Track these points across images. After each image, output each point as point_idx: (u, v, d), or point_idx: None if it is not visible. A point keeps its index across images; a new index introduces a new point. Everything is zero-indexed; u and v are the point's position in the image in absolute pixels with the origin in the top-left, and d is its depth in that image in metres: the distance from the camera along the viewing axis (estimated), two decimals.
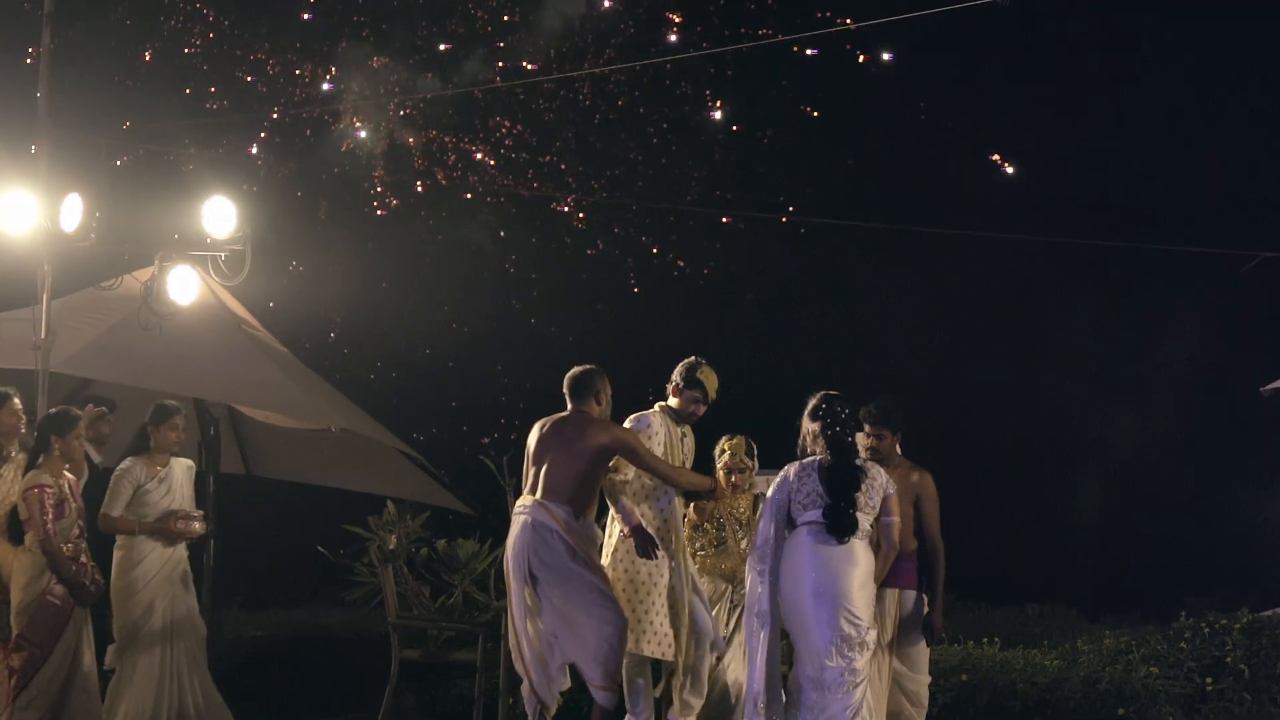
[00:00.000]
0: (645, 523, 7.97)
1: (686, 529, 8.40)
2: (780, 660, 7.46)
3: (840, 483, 7.25)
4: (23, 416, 8.47)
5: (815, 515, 7.25)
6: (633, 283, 20.29)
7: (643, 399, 8.40)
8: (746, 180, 20.32)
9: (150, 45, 18.69)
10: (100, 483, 9.21)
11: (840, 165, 20.34)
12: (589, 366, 8.06)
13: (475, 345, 19.56)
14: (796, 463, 7.42)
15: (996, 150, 20.36)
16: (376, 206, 19.39)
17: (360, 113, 18.88)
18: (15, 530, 8.05)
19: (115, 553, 8.80)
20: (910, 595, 7.83)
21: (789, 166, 20.46)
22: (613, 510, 8.03)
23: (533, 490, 7.82)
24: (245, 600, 13.96)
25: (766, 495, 7.66)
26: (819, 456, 7.33)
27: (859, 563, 7.24)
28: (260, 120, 18.54)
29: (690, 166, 20.06)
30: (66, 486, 8.12)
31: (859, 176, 20.08)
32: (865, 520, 7.28)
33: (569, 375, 8.03)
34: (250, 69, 19.12)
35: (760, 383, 17.22)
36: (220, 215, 9.53)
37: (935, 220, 18.14)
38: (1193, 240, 16.78)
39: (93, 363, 9.71)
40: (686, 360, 8.22)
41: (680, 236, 20.36)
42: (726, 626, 8.35)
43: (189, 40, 18.79)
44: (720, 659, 8.30)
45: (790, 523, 7.35)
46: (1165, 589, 14.20)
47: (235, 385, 9.84)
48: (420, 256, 19.41)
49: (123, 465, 8.85)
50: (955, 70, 19.93)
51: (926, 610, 7.89)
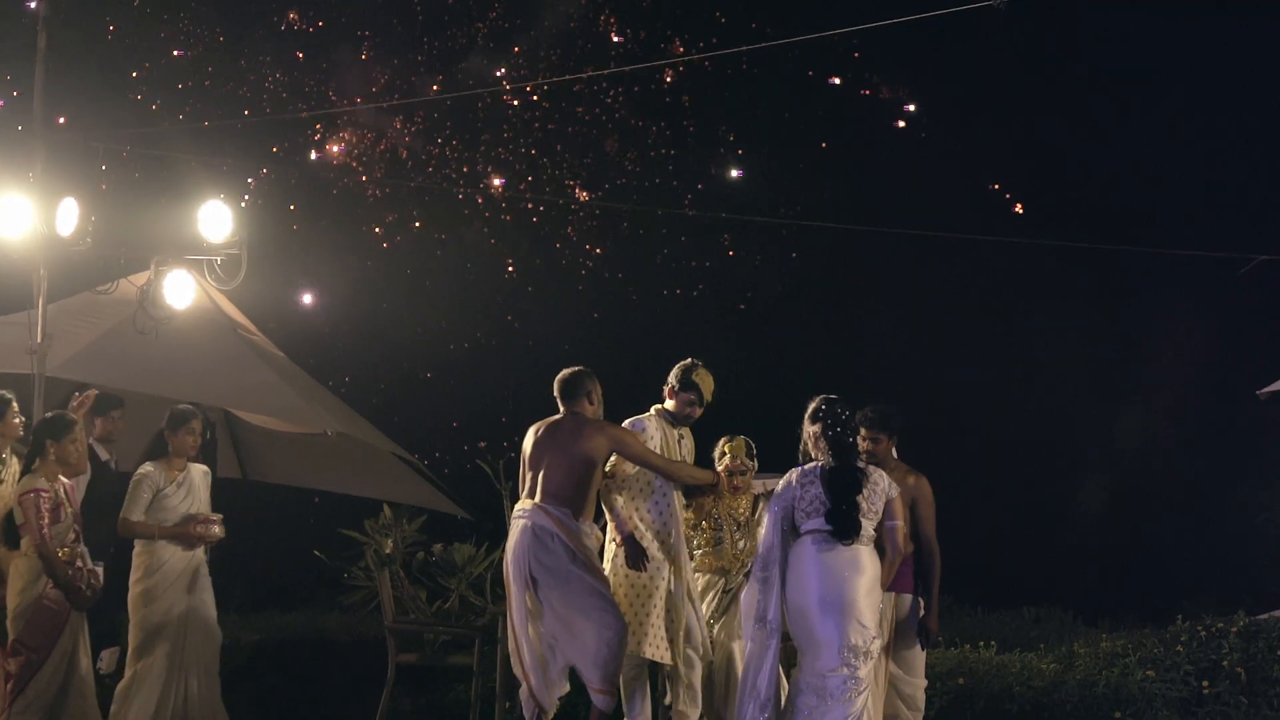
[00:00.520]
0: (644, 525, 7.96)
1: (684, 528, 8.40)
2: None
3: (842, 484, 7.27)
4: (21, 420, 8.46)
5: (819, 523, 7.25)
6: (630, 289, 20.31)
7: (639, 404, 8.37)
8: (744, 187, 20.36)
9: (148, 50, 18.70)
10: (110, 485, 9.21)
11: (839, 169, 20.37)
12: (578, 368, 8.07)
13: (476, 349, 19.60)
14: (799, 469, 7.42)
15: (996, 151, 20.38)
16: (374, 225, 19.42)
17: (359, 119, 18.91)
18: (11, 535, 8.04)
19: (135, 558, 8.77)
20: (906, 599, 7.83)
21: (788, 171, 20.49)
22: (608, 517, 8.03)
23: (531, 494, 7.82)
24: (241, 604, 13.92)
25: (768, 497, 7.66)
26: (821, 461, 7.35)
27: (865, 570, 7.25)
28: (258, 126, 18.55)
29: (689, 174, 20.11)
30: (62, 491, 8.10)
31: (856, 181, 20.10)
32: (868, 525, 7.29)
33: (559, 378, 8.03)
34: (249, 72, 19.15)
35: (758, 386, 17.22)
36: (216, 219, 9.53)
37: (935, 223, 18.14)
38: (1190, 243, 16.79)
39: (89, 367, 9.70)
40: (682, 362, 8.23)
41: (677, 242, 20.39)
42: (715, 617, 8.35)
43: (186, 45, 18.80)
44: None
45: (794, 530, 7.35)
46: (1162, 592, 14.17)
47: (231, 389, 9.84)
48: (419, 260, 19.43)
49: (142, 470, 8.83)
50: (951, 73, 19.95)
51: (922, 614, 7.90)
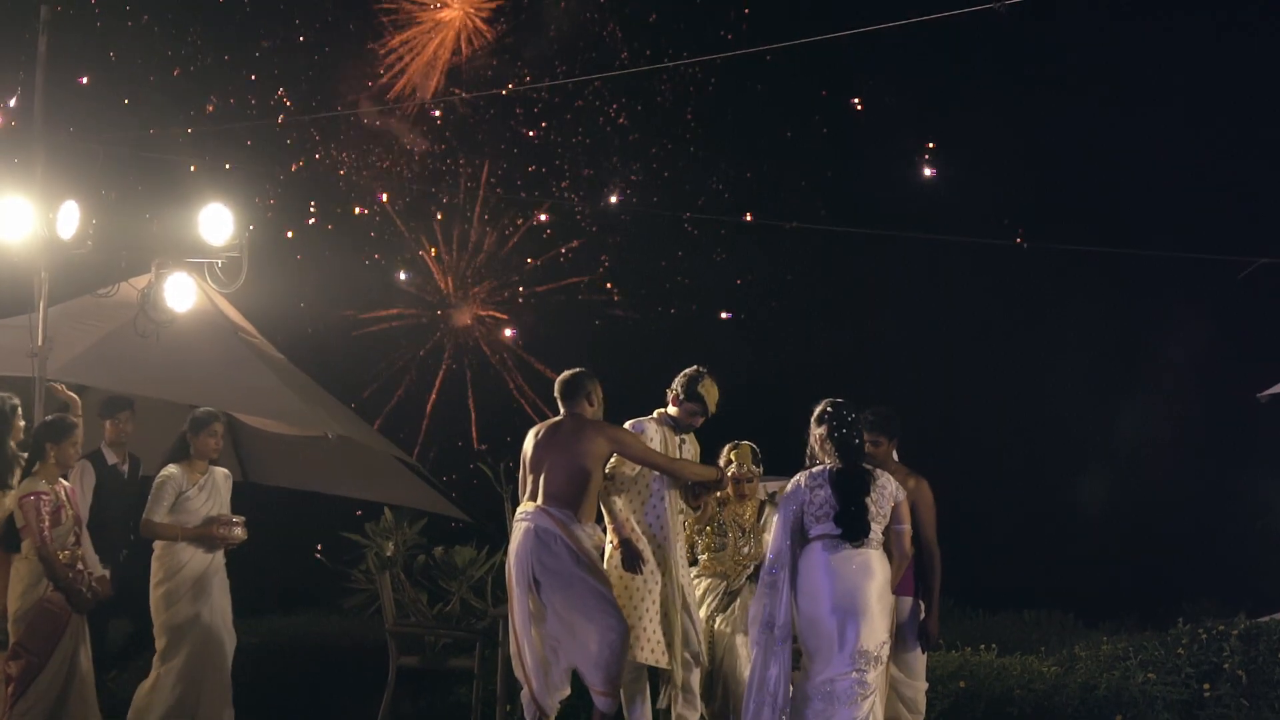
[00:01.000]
0: (639, 529, 7.96)
1: (687, 531, 8.40)
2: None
3: (851, 486, 7.28)
4: (23, 424, 8.46)
5: (828, 526, 7.26)
6: (631, 291, 20.34)
7: (639, 410, 8.35)
8: (745, 190, 20.39)
9: (147, 54, 18.72)
10: (118, 490, 9.20)
11: (840, 172, 20.39)
12: (578, 369, 8.07)
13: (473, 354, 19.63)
14: (806, 472, 7.43)
15: (995, 154, 20.39)
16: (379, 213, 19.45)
17: (359, 122, 18.94)
18: (11, 538, 8.04)
19: (154, 560, 8.79)
20: (906, 601, 7.83)
21: (788, 175, 20.52)
22: (607, 520, 8.03)
23: (533, 496, 7.82)
24: (242, 607, 13.86)
25: (773, 501, 7.65)
26: (829, 464, 7.35)
27: (876, 574, 7.26)
28: (260, 128, 18.58)
29: (694, 178, 20.16)
30: (63, 493, 8.12)
31: (858, 183, 20.11)
32: (877, 528, 7.29)
33: (559, 379, 8.03)
34: (249, 75, 19.18)
35: (758, 388, 17.22)
36: (217, 222, 9.53)
37: (936, 227, 18.16)
38: (1191, 246, 16.78)
39: (89, 370, 9.69)
40: (688, 371, 8.18)
41: (680, 247, 20.42)
42: (719, 612, 8.34)
43: (185, 49, 18.83)
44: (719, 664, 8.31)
45: (803, 535, 7.35)
46: (1163, 595, 14.17)
47: (232, 392, 9.83)
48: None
49: (165, 472, 8.85)
50: (953, 76, 19.96)
51: (923, 616, 7.89)
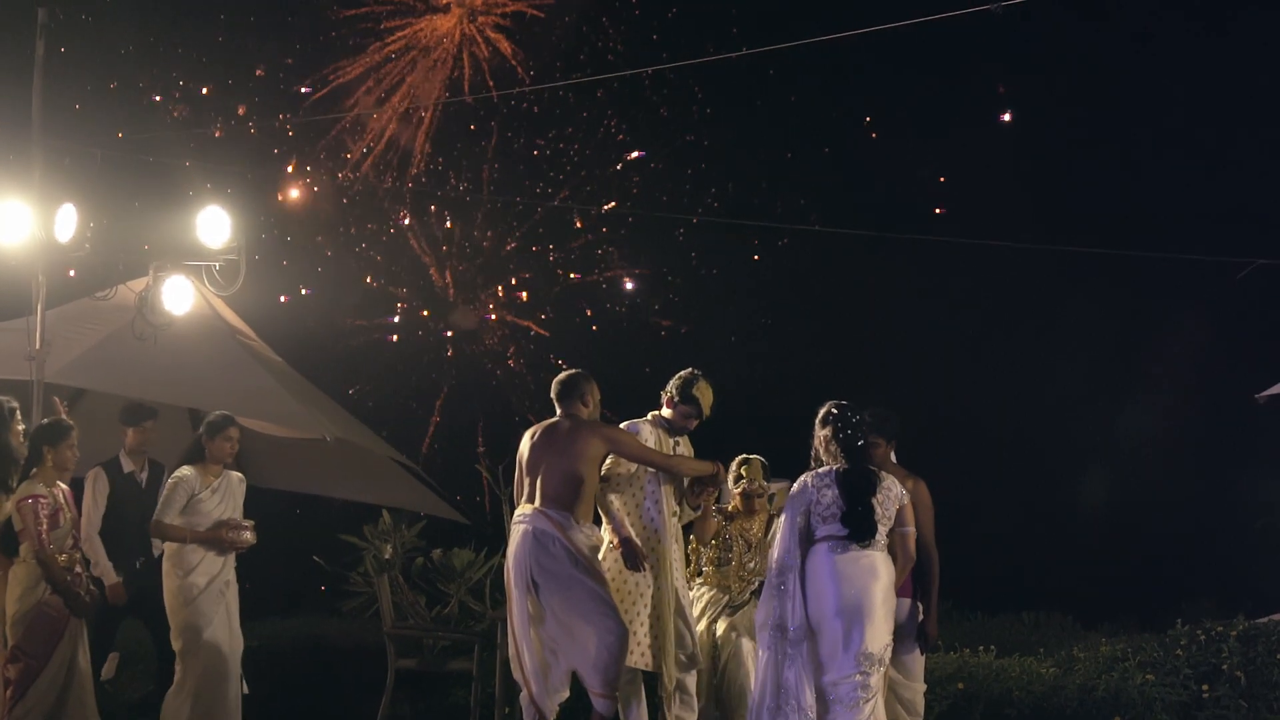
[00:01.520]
0: (633, 531, 7.96)
1: (693, 544, 8.42)
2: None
3: (857, 486, 7.30)
4: (22, 428, 8.45)
5: (835, 528, 7.28)
6: (632, 293, 20.37)
7: (637, 414, 8.36)
8: (747, 191, 20.41)
9: (146, 58, 18.74)
10: (135, 497, 9.19)
11: (842, 174, 20.41)
12: (575, 370, 8.07)
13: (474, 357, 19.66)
14: (813, 472, 7.44)
15: (996, 157, 20.41)
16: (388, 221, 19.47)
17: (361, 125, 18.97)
18: (10, 542, 8.04)
19: (165, 562, 8.75)
20: (905, 603, 7.81)
21: (789, 175, 20.53)
22: (605, 520, 8.03)
23: (530, 499, 7.82)
24: (240, 610, 13.91)
25: (778, 513, 7.66)
26: (835, 465, 7.36)
27: (881, 576, 7.28)
28: (261, 130, 18.60)
29: (695, 180, 20.18)
30: (60, 496, 8.11)
31: (860, 185, 20.13)
32: (883, 529, 7.30)
33: (556, 380, 8.04)
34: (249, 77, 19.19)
35: (760, 391, 17.25)
36: (215, 225, 9.53)
37: (936, 228, 18.18)
38: (1187, 247, 16.78)
39: (87, 373, 9.70)
40: (682, 373, 8.18)
41: (681, 249, 20.45)
42: (725, 616, 8.35)
43: (183, 52, 18.85)
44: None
45: (809, 536, 7.35)
46: (1161, 596, 14.19)
47: (230, 395, 9.83)
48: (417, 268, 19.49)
49: (178, 473, 8.78)
50: (954, 78, 19.97)
51: (921, 618, 7.89)
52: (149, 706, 9.90)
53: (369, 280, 19.74)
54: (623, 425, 8.08)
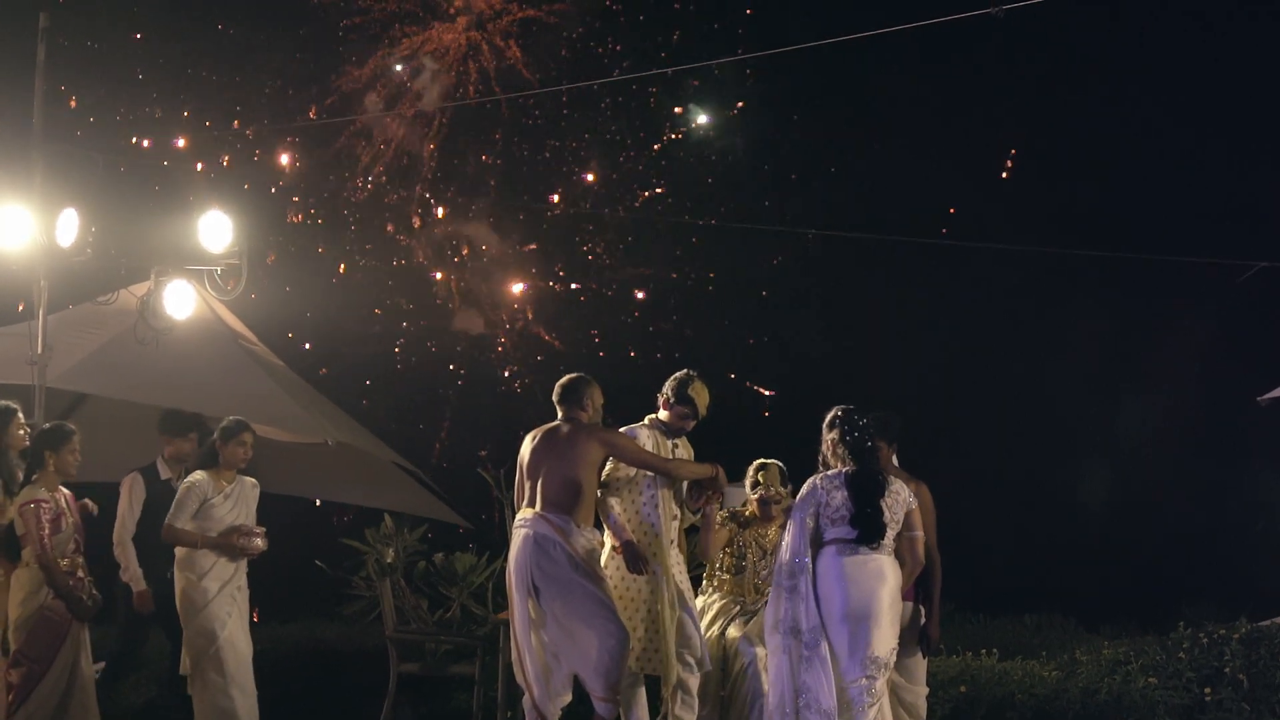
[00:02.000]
0: (632, 534, 7.95)
1: (713, 552, 8.40)
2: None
3: (866, 489, 7.31)
4: (27, 430, 8.45)
5: (843, 530, 7.29)
6: (639, 297, 20.38)
7: (638, 415, 8.36)
8: (748, 195, 20.42)
9: (145, 62, 18.75)
10: (169, 504, 9.19)
11: (845, 178, 20.41)
12: (578, 374, 8.06)
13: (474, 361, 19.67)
14: (821, 474, 7.45)
15: (997, 160, 20.42)
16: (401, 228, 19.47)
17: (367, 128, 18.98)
18: (12, 546, 8.04)
19: (176, 568, 8.67)
20: (907, 606, 7.80)
21: (791, 180, 20.54)
22: (605, 524, 8.02)
23: (531, 503, 7.82)
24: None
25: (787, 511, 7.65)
26: (844, 468, 7.38)
27: (888, 579, 7.29)
28: (264, 132, 18.61)
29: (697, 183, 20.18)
30: (63, 501, 8.11)
31: (863, 189, 20.13)
32: (891, 532, 7.31)
33: (559, 383, 8.04)
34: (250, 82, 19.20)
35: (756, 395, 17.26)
36: (216, 229, 9.54)
37: (937, 231, 18.18)
38: (1189, 250, 16.78)
39: (89, 378, 9.71)
40: (677, 374, 8.17)
41: (684, 252, 20.46)
42: (738, 626, 8.32)
43: (185, 57, 18.86)
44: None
45: (817, 538, 7.36)
46: (1164, 599, 14.17)
47: (231, 399, 9.83)
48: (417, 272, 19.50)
49: (191, 478, 8.71)
50: (955, 80, 19.97)
51: (923, 621, 7.89)
52: (152, 711, 9.91)
53: (376, 287, 19.74)
54: (621, 430, 8.08)
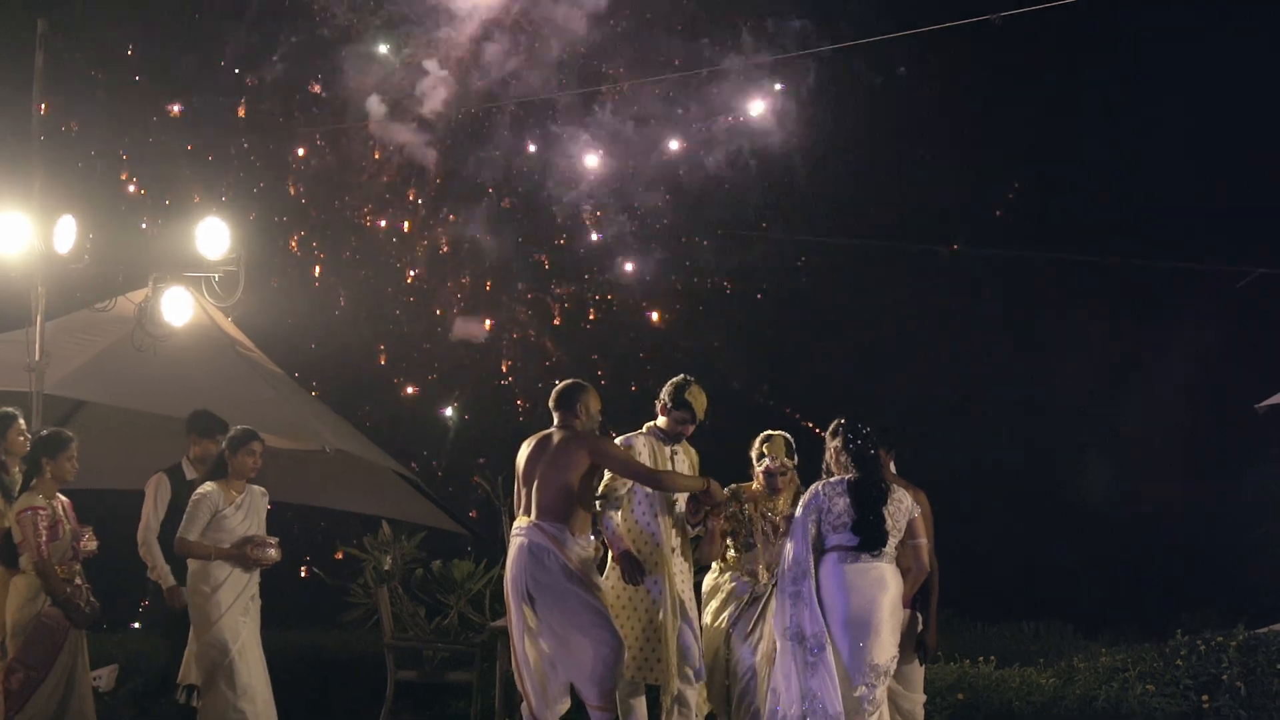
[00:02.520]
0: (631, 541, 7.94)
1: (716, 535, 8.29)
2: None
3: (868, 496, 7.33)
4: (27, 436, 8.44)
5: (845, 537, 7.30)
6: (641, 301, 20.39)
7: (639, 421, 8.35)
8: (750, 199, 20.44)
9: (144, 65, 18.76)
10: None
11: (850, 184, 20.42)
12: (575, 381, 8.06)
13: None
14: (824, 481, 7.46)
15: (998, 166, 20.43)
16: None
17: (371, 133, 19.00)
18: (9, 553, 8.04)
19: (189, 580, 8.61)
20: (905, 614, 7.81)
21: (797, 185, 20.55)
22: (604, 535, 8.01)
23: (526, 511, 7.82)
24: None
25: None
26: (847, 475, 7.40)
27: (889, 588, 7.30)
28: (268, 140, 18.63)
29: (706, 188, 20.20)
30: (60, 508, 8.11)
31: (866, 195, 20.13)
32: (892, 540, 7.31)
33: (555, 390, 8.03)
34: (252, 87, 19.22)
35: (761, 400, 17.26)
36: (214, 237, 9.54)
37: (938, 236, 18.20)
38: (1189, 256, 16.81)
39: (87, 384, 9.71)
40: (674, 380, 8.17)
41: (688, 255, 20.48)
42: (740, 634, 8.26)
43: (184, 60, 18.88)
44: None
45: (819, 544, 7.36)
46: (1161, 606, 14.17)
47: (229, 406, 9.83)
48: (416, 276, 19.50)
49: (201, 489, 8.62)
50: (958, 84, 19.98)
51: (920, 628, 7.89)
52: (150, 718, 9.90)
53: (375, 293, 19.75)
54: (618, 440, 8.07)
